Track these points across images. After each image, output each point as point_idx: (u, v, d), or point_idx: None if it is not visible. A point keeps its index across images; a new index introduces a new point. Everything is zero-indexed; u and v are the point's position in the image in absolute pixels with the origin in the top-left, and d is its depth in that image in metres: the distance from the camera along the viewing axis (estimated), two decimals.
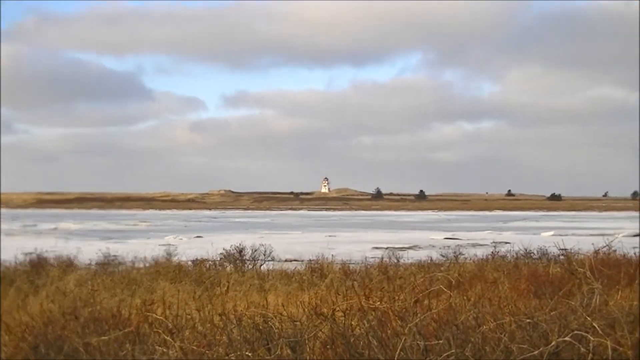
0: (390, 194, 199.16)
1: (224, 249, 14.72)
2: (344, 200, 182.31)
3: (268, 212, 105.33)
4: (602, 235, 23.07)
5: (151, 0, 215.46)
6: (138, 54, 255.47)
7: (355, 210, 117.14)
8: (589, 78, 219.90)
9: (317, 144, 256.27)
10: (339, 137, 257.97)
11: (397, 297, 5.22)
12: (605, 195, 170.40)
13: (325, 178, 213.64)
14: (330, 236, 34.85)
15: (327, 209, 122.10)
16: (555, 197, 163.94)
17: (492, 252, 15.49)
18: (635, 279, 7.43)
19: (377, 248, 25.40)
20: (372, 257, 17.27)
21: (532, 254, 14.89)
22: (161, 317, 5.46)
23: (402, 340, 4.48)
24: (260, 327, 5.07)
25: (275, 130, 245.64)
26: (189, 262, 14.53)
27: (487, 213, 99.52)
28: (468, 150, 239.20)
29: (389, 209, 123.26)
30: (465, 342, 4.48)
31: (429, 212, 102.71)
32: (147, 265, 13.75)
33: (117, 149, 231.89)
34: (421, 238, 33.64)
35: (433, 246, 26.22)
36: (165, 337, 5.05)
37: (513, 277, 9.34)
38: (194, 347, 4.82)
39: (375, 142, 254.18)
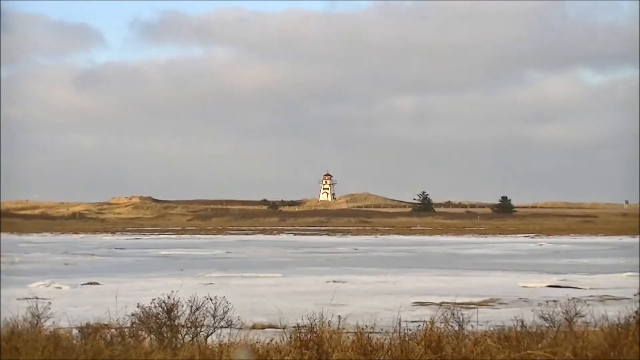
0: (447, 205, 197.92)
1: (139, 307, 15.12)
2: (362, 215, 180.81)
3: (221, 237, 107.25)
4: None
5: None
6: None
7: (382, 233, 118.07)
8: None
9: (311, 113, 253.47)
10: (353, 100, 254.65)
11: None
12: None
13: (327, 175, 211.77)
14: (335, 282, 35.56)
15: (329, 232, 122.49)
16: None
17: (637, 312, 15.46)
18: None
19: (422, 304, 26.14)
20: (413, 321, 17.09)
21: None
22: None
23: None
24: None
25: (233, 86, 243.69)
26: (74, 331, 14.66)
27: (626, 239, 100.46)
28: (593, 121, 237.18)
29: (445, 231, 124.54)
30: None
31: (519, 238, 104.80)
32: None
33: None
34: (504, 285, 34.23)
35: (526, 301, 26.94)
36: None
37: None
38: None
39: (421, 107, 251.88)
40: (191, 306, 15.16)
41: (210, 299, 15.27)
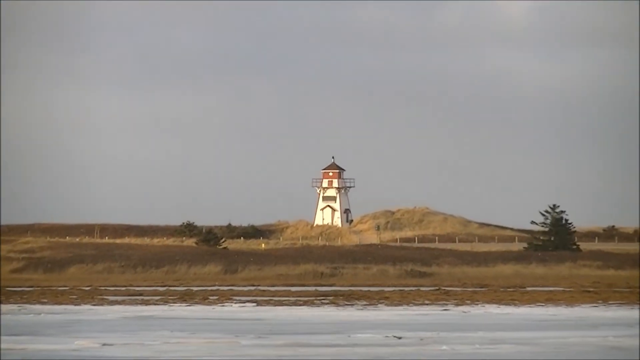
0: (610, 234, 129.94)
1: None
2: (413, 259, 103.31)
3: (91, 309, 72.88)
4: None
5: None
6: None
7: (461, 302, 77.30)
8: None
9: (299, 22, 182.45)
10: None
11: None
12: None
13: (333, 169, 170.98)
14: None
15: (338, 298, 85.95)
16: None
17: None
18: None
19: None
20: None
21: None
22: None
23: None
24: None
25: None
26: None
27: None
28: None
29: (603, 296, 79.83)
30: None
31: None
32: None
33: None
34: None
35: None
36: None
37: None
38: None
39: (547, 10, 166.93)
40: None
41: None
